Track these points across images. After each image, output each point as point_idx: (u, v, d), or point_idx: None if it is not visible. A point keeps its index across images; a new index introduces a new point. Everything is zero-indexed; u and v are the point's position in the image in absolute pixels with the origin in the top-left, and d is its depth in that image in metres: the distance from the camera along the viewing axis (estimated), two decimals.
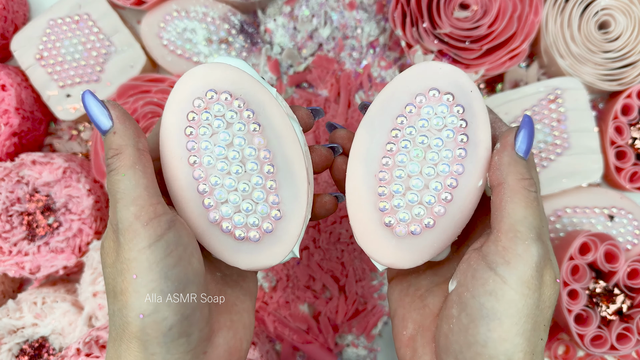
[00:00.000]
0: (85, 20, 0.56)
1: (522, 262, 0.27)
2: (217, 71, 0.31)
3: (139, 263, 0.27)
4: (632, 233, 0.55)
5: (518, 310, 0.27)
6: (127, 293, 0.27)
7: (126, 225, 0.28)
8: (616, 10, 0.54)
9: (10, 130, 0.55)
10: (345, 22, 0.58)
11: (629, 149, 0.54)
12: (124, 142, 0.29)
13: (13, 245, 0.54)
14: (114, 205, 0.29)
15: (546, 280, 0.29)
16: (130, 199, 0.28)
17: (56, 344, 0.53)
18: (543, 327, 0.29)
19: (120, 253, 0.28)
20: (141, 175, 0.29)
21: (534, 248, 0.27)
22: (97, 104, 0.30)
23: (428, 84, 0.31)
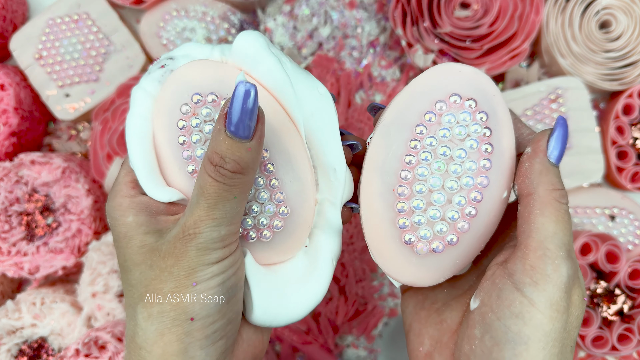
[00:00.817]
0: (84, 19, 0.56)
1: (551, 284, 0.26)
2: (198, 71, 0.30)
3: (205, 274, 0.27)
4: (633, 233, 0.54)
5: (545, 334, 0.26)
6: (184, 297, 0.27)
7: (209, 243, 0.27)
8: (617, 9, 0.53)
9: (9, 130, 0.55)
10: (346, 21, 0.58)
11: (630, 149, 0.54)
12: (252, 165, 0.27)
13: (12, 246, 0.54)
14: (205, 214, 0.27)
15: (574, 300, 0.27)
16: (229, 221, 0.27)
17: (55, 344, 0.52)
18: (570, 348, 0.27)
19: (183, 260, 0.27)
20: (244, 203, 0.28)
21: (564, 268, 0.26)
22: (254, 106, 0.26)
23: (448, 89, 0.29)
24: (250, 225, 0.31)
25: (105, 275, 0.52)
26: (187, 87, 0.29)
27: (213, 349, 0.28)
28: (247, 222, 0.31)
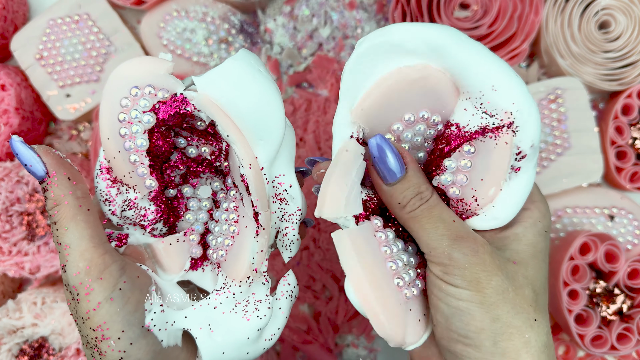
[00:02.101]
0: (85, 20, 0.56)
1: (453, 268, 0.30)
2: (134, 67, 0.31)
3: (101, 316, 0.28)
4: (632, 233, 0.54)
5: (480, 302, 0.30)
6: (99, 342, 0.28)
7: (78, 283, 0.28)
8: (616, 10, 0.54)
9: (10, 130, 0.55)
10: (345, 21, 0.58)
11: (630, 149, 0.54)
12: (61, 192, 0.29)
13: (13, 245, 0.54)
14: (62, 261, 0.28)
15: (490, 265, 0.30)
16: (77, 253, 0.28)
17: (56, 344, 0.53)
18: (529, 307, 0.31)
19: (79, 309, 0.28)
20: (84, 226, 0.29)
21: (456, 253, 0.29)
22: (27, 150, 0.28)
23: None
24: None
25: None
26: (125, 82, 0.31)
27: None
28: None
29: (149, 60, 0.31)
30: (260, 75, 0.31)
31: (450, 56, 0.29)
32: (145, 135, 0.31)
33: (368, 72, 0.31)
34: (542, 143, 0.54)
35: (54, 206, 0.28)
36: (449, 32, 0.30)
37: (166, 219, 0.34)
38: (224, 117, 0.30)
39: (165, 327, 0.30)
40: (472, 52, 0.29)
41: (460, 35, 0.30)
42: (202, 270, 0.34)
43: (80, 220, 0.29)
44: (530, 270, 0.30)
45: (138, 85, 0.31)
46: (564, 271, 0.50)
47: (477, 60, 0.29)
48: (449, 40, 0.29)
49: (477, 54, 0.29)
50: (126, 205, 0.33)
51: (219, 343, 0.31)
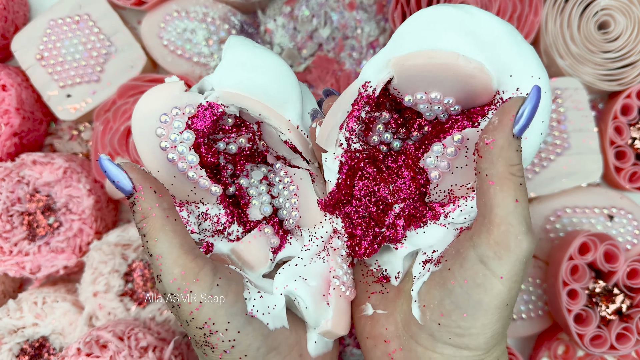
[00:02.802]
0: (85, 20, 0.56)
1: (514, 257, 0.28)
2: (152, 99, 0.32)
3: (205, 314, 0.30)
4: (631, 233, 0.55)
5: (503, 301, 0.29)
6: (209, 337, 0.30)
7: (176, 289, 0.29)
8: (616, 10, 0.54)
9: (11, 130, 0.55)
10: (345, 22, 0.58)
11: (629, 149, 0.54)
12: (148, 205, 0.30)
13: (13, 245, 0.54)
14: (156, 272, 0.30)
15: (527, 268, 0.29)
16: (170, 261, 0.29)
17: (56, 343, 0.53)
18: (510, 306, 0.30)
19: (181, 313, 0.30)
20: (172, 235, 0.30)
21: (526, 243, 0.28)
22: (115, 168, 0.30)
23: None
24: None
25: (107, 275, 0.52)
26: (151, 116, 0.32)
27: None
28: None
29: (161, 88, 0.33)
30: (259, 49, 0.33)
31: (505, 54, 0.30)
32: (192, 151, 0.32)
33: (430, 37, 0.30)
34: (542, 143, 0.54)
35: (142, 219, 0.30)
36: (511, 31, 0.30)
37: (238, 215, 0.36)
38: (250, 101, 0.33)
39: (268, 310, 0.32)
40: (524, 56, 0.30)
41: (518, 36, 0.30)
42: (289, 244, 0.36)
43: (168, 230, 0.30)
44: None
45: (164, 112, 0.32)
46: (563, 271, 0.50)
47: (524, 66, 0.30)
48: (510, 39, 0.29)
49: (528, 60, 0.30)
50: (201, 219, 0.34)
51: (315, 286, 0.34)
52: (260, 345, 0.31)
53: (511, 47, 0.30)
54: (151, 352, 0.46)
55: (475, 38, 0.30)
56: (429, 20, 0.30)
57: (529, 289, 0.55)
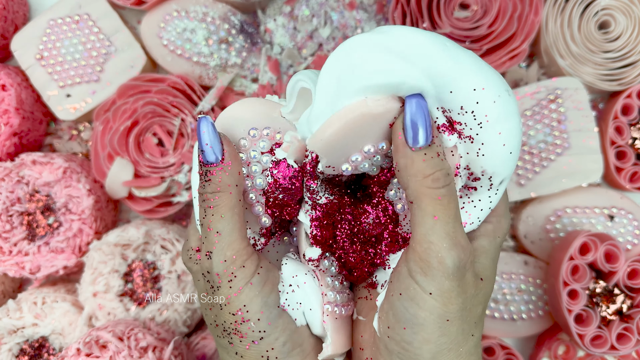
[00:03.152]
0: (85, 20, 0.56)
1: (438, 275, 0.27)
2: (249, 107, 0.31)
3: (241, 301, 0.29)
4: (632, 233, 0.55)
5: (440, 316, 0.28)
6: (239, 325, 0.30)
7: (222, 271, 0.29)
8: (616, 10, 0.54)
9: (11, 130, 0.55)
10: (345, 22, 0.58)
11: (629, 149, 0.54)
12: (229, 182, 0.29)
13: (13, 245, 0.54)
14: (208, 247, 0.29)
15: (468, 281, 0.28)
16: (227, 242, 0.29)
17: (56, 344, 0.53)
18: (473, 324, 0.29)
19: (218, 295, 0.30)
20: (237, 219, 0.30)
21: (449, 259, 0.27)
22: (213, 132, 0.29)
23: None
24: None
25: (107, 275, 0.52)
26: (240, 123, 0.31)
27: (290, 358, 0.32)
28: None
29: (262, 103, 0.32)
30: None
31: (439, 68, 0.27)
32: (263, 175, 0.32)
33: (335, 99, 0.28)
34: (542, 143, 0.54)
35: (217, 191, 0.29)
36: (438, 41, 0.27)
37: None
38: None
39: (297, 306, 0.32)
40: (460, 68, 0.27)
41: (449, 45, 0.28)
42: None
43: (236, 212, 0.30)
44: (489, 287, 0.30)
45: (256, 126, 0.31)
46: (563, 271, 0.50)
47: (462, 80, 0.27)
48: (438, 50, 0.27)
49: (466, 66, 0.27)
50: None
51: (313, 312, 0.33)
52: (287, 340, 0.31)
53: (443, 60, 0.27)
54: (151, 352, 0.46)
55: (399, 55, 0.27)
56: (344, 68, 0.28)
57: (529, 289, 0.55)
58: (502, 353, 0.54)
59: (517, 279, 0.55)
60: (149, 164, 0.54)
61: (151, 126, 0.55)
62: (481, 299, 0.30)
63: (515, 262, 0.55)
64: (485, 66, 0.28)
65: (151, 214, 0.56)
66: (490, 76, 0.27)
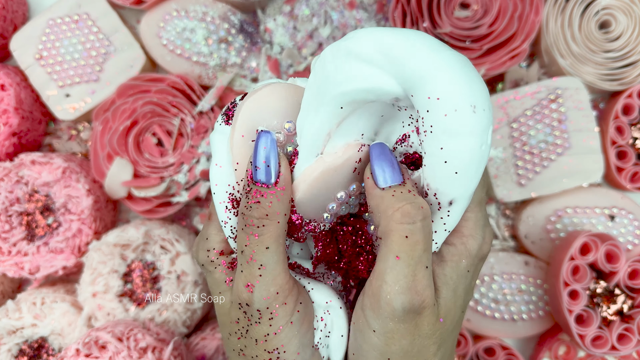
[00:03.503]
0: (84, 19, 0.56)
1: (384, 315, 0.26)
2: (283, 96, 0.29)
3: (279, 340, 0.28)
4: (632, 233, 0.54)
5: (381, 353, 0.27)
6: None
7: (264, 308, 0.27)
8: (617, 9, 0.53)
9: (10, 130, 0.55)
10: (346, 21, 0.58)
11: (630, 149, 0.54)
12: (279, 209, 0.27)
13: (12, 246, 0.54)
14: (250, 280, 0.27)
15: (421, 323, 0.27)
16: (271, 277, 0.27)
17: (55, 344, 0.52)
18: (430, 356, 0.28)
19: (255, 331, 0.28)
20: (282, 250, 0.28)
21: (398, 303, 0.26)
22: (273, 151, 0.27)
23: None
24: None
25: (106, 275, 0.52)
26: (274, 114, 0.29)
27: None
28: None
29: (293, 90, 0.30)
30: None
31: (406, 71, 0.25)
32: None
33: (316, 109, 0.28)
34: (543, 143, 0.54)
35: (264, 218, 0.27)
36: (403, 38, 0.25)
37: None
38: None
39: (327, 342, 0.31)
40: (425, 66, 0.25)
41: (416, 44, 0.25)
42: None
43: (281, 243, 0.28)
44: (448, 325, 0.29)
45: (290, 118, 0.29)
46: (564, 271, 0.50)
47: (420, 83, 0.25)
48: (402, 49, 0.25)
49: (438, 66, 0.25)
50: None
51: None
52: None
53: (409, 62, 0.25)
54: (150, 352, 0.46)
55: (366, 60, 0.26)
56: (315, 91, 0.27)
57: (530, 290, 0.55)
58: (503, 353, 0.53)
59: (518, 279, 0.55)
60: (149, 164, 0.54)
61: (150, 126, 0.55)
62: (437, 338, 0.28)
63: (516, 262, 0.55)
64: (460, 75, 0.25)
65: (151, 214, 0.56)
66: (458, 87, 0.25)
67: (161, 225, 0.54)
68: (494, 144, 0.54)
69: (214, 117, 0.55)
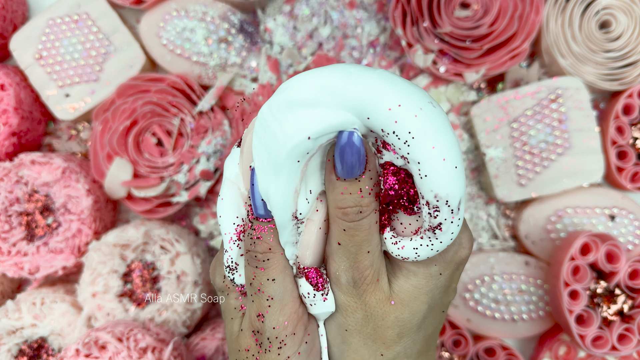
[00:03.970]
0: (84, 19, 0.56)
1: (336, 288, 0.29)
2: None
3: None
4: (633, 233, 0.54)
5: (339, 324, 0.30)
6: None
7: (274, 337, 0.28)
8: (617, 9, 0.53)
9: (9, 130, 0.55)
10: (346, 21, 0.58)
11: (630, 149, 0.54)
12: (283, 241, 0.28)
13: (12, 246, 0.54)
14: (260, 309, 0.28)
15: (370, 301, 0.29)
16: (279, 307, 0.28)
17: (55, 344, 0.52)
18: (382, 344, 0.30)
19: (264, 357, 0.29)
20: (290, 280, 0.29)
21: (343, 278, 0.29)
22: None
23: None
24: None
25: (106, 275, 0.52)
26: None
27: None
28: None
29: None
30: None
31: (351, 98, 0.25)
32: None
33: (276, 174, 0.28)
34: (543, 143, 0.54)
35: (267, 252, 0.28)
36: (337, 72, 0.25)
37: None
38: None
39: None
40: (368, 86, 0.25)
41: (350, 69, 0.25)
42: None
43: (287, 274, 0.28)
44: (406, 314, 0.29)
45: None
46: (564, 271, 0.49)
47: (375, 96, 0.25)
48: (338, 81, 0.25)
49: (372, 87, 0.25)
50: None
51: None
52: None
53: (349, 90, 0.25)
54: (150, 353, 0.46)
55: (308, 104, 0.25)
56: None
57: (530, 290, 0.55)
58: (503, 354, 0.53)
59: (518, 280, 0.55)
60: (148, 164, 0.54)
61: (150, 126, 0.55)
62: (395, 325, 0.29)
63: (516, 262, 0.55)
64: (399, 82, 0.25)
65: (150, 214, 0.56)
66: (406, 91, 0.25)
67: (161, 225, 0.54)
68: (495, 144, 0.54)
69: (213, 117, 0.55)
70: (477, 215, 0.58)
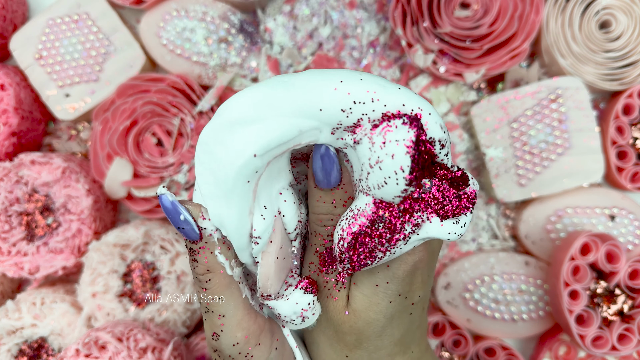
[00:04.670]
0: (84, 19, 0.56)
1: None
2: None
3: None
4: (633, 233, 0.54)
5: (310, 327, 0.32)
6: None
7: (237, 353, 0.28)
8: (617, 9, 0.53)
9: (9, 130, 0.54)
10: (346, 21, 0.58)
11: (630, 149, 0.54)
12: (244, 261, 0.28)
13: (12, 246, 0.53)
14: (214, 329, 0.28)
15: (329, 307, 0.31)
16: (234, 323, 0.28)
17: (55, 344, 0.52)
18: (344, 345, 0.30)
19: None
20: (238, 294, 0.28)
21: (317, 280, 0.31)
22: (181, 209, 0.26)
23: None
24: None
25: (106, 275, 0.51)
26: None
27: None
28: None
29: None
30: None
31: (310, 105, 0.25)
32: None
33: (227, 199, 0.28)
34: (543, 143, 0.54)
35: (207, 273, 0.27)
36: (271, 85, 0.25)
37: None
38: None
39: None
40: (303, 86, 0.25)
41: (282, 78, 0.26)
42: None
43: (234, 289, 0.28)
44: (360, 323, 0.29)
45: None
46: (564, 271, 0.49)
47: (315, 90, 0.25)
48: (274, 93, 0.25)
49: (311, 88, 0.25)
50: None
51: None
52: None
53: (288, 96, 0.25)
54: (150, 353, 0.46)
55: (252, 121, 0.25)
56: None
57: (530, 290, 0.55)
58: (503, 354, 0.53)
59: (518, 280, 0.55)
60: (148, 164, 0.54)
61: (150, 126, 0.55)
62: (348, 329, 0.29)
63: (516, 262, 0.55)
64: (329, 71, 0.26)
65: (150, 214, 0.56)
66: (338, 73, 0.26)
67: (161, 225, 0.54)
68: (495, 144, 0.54)
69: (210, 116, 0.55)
70: (477, 215, 0.58)
